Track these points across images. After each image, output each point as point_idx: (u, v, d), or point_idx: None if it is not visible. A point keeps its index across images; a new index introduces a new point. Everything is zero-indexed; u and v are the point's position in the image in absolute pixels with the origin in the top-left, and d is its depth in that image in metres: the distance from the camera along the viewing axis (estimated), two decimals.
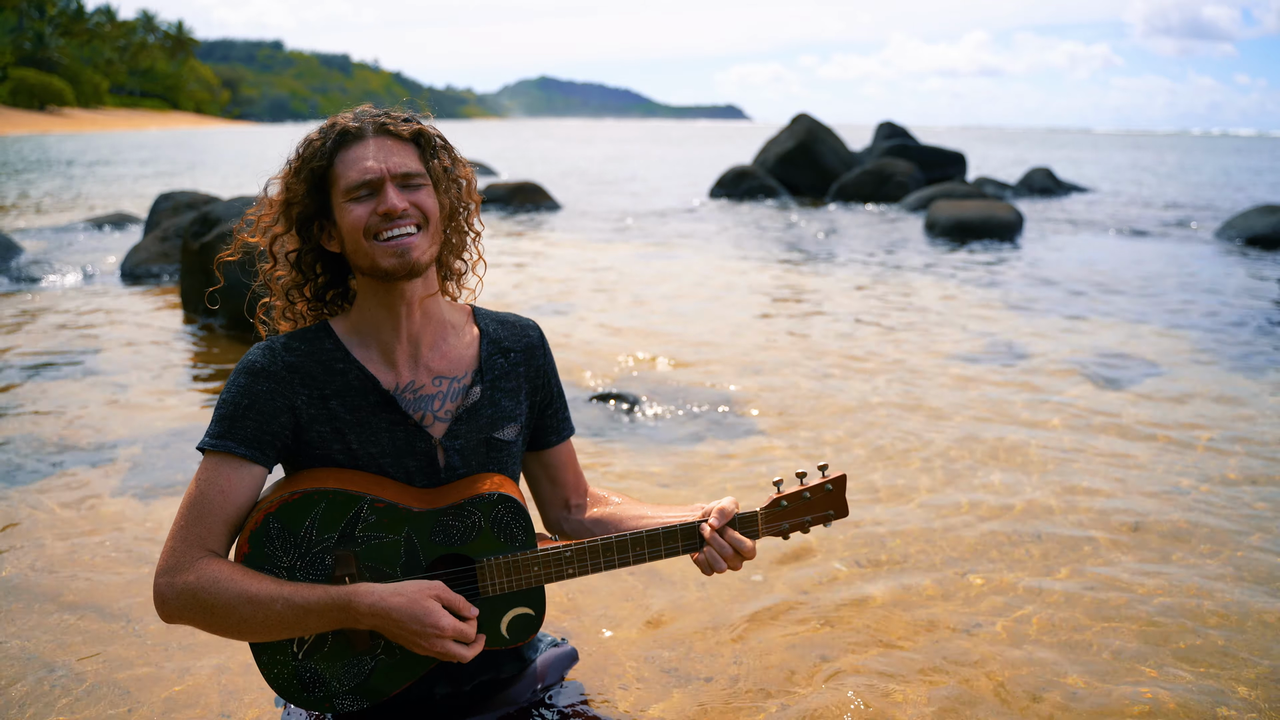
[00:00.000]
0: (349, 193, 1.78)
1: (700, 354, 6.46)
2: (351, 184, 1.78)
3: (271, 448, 1.78)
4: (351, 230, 1.78)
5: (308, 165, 1.81)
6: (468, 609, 1.74)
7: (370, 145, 1.80)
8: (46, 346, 6.46)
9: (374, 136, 1.81)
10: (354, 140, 1.80)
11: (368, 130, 1.81)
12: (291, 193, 1.83)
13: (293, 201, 1.83)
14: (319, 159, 1.80)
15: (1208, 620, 2.99)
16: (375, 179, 1.77)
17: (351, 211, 1.78)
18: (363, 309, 1.88)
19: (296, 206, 1.83)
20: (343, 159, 1.80)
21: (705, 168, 30.91)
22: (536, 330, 2.04)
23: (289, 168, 1.84)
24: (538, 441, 2.07)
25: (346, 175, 1.78)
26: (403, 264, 1.78)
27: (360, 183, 1.77)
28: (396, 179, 1.79)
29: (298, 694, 1.80)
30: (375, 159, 1.78)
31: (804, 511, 1.91)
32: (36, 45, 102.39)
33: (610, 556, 1.85)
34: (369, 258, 1.78)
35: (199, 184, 21.11)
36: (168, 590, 1.69)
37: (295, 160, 1.84)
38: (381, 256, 1.77)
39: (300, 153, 1.84)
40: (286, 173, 1.85)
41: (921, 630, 2.93)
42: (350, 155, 1.79)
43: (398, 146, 1.82)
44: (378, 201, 1.77)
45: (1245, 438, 4.82)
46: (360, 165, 1.78)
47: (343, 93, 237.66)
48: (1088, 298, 8.89)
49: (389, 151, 1.80)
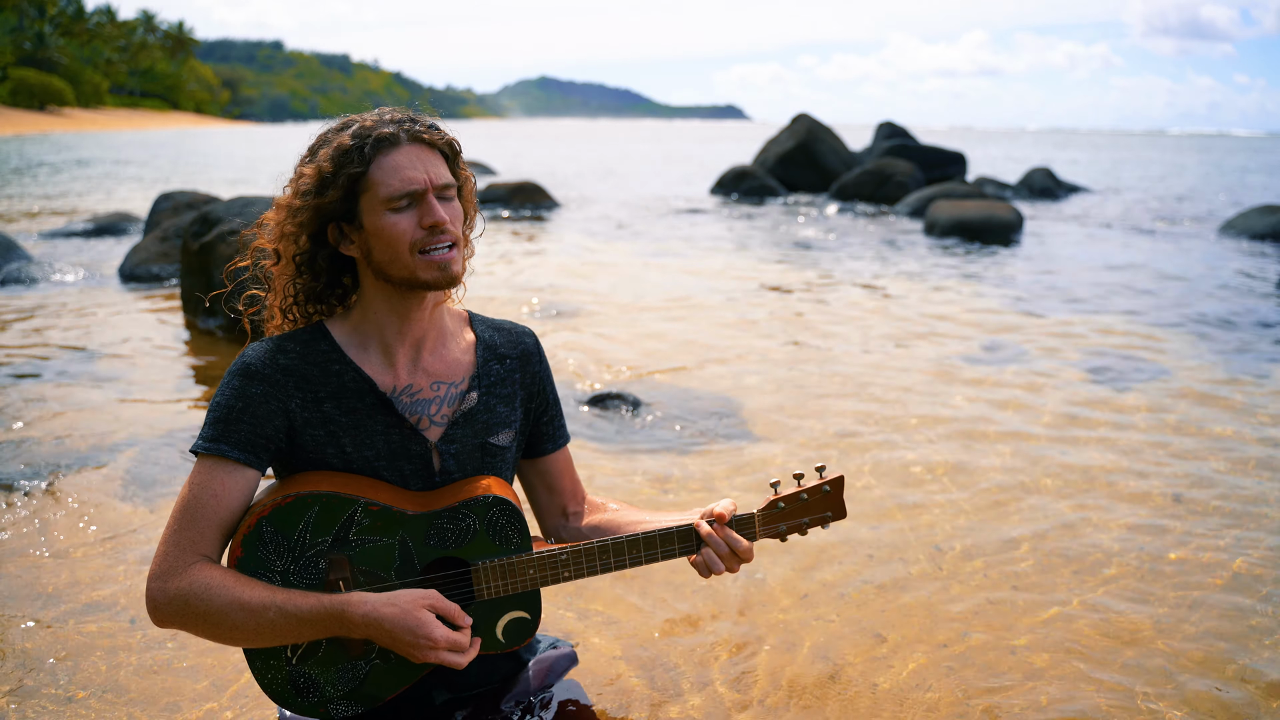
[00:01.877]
0: (389, 202, 1.74)
1: (699, 355, 6.45)
2: (394, 193, 1.74)
3: (265, 451, 1.77)
4: (392, 241, 1.75)
5: (344, 171, 1.75)
6: (462, 618, 1.73)
7: (408, 153, 1.77)
8: (46, 347, 6.45)
9: (409, 144, 1.77)
10: (390, 146, 1.76)
11: (403, 138, 1.77)
12: (320, 194, 1.78)
13: (317, 204, 1.78)
14: (358, 165, 1.75)
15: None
16: (419, 190, 1.75)
17: (394, 222, 1.75)
18: (368, 311, 1.86)
19: (319, 206, 1.79)
20: (380, 166, 1.75)
21: (705, 167, 30.89)
22: (532, 337, 2.04)
23: (317, 169, 1.78)
24: (534, 449, 2.06)
25: (387, 184, 1.74)
26: (444, 277, 1.77)
27: (404, 193, 1.74)
28: (436, 189, 1.77)
29: (291, 699, 1.80)
30: (417, 169, 1.76)
31: (801, 513, 1.90)
32: (36, 45, 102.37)
33: (606, 559, 1.84)
34: (408, 269, 1.76)
35: (199, 184, 21.11)
36: (160, 595, 1.69)
37: (327, 165, 1.77)
38: (424, 270, 1.76)
39: (333, 158, 1.76)
40: (312, 175, 1.78)
41: (924, 628, 2.93)
42: (389, 163, 1.75)
43: (432, 156, 1.79)
44: (421, 213, 1.75)
45: (1245, 438, 4.81)
46: (403, 175, 1.75)
47: (343, 93, 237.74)
48: (1088, 297, 8.88)
49: (427, 161, 1.78)
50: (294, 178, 1.83)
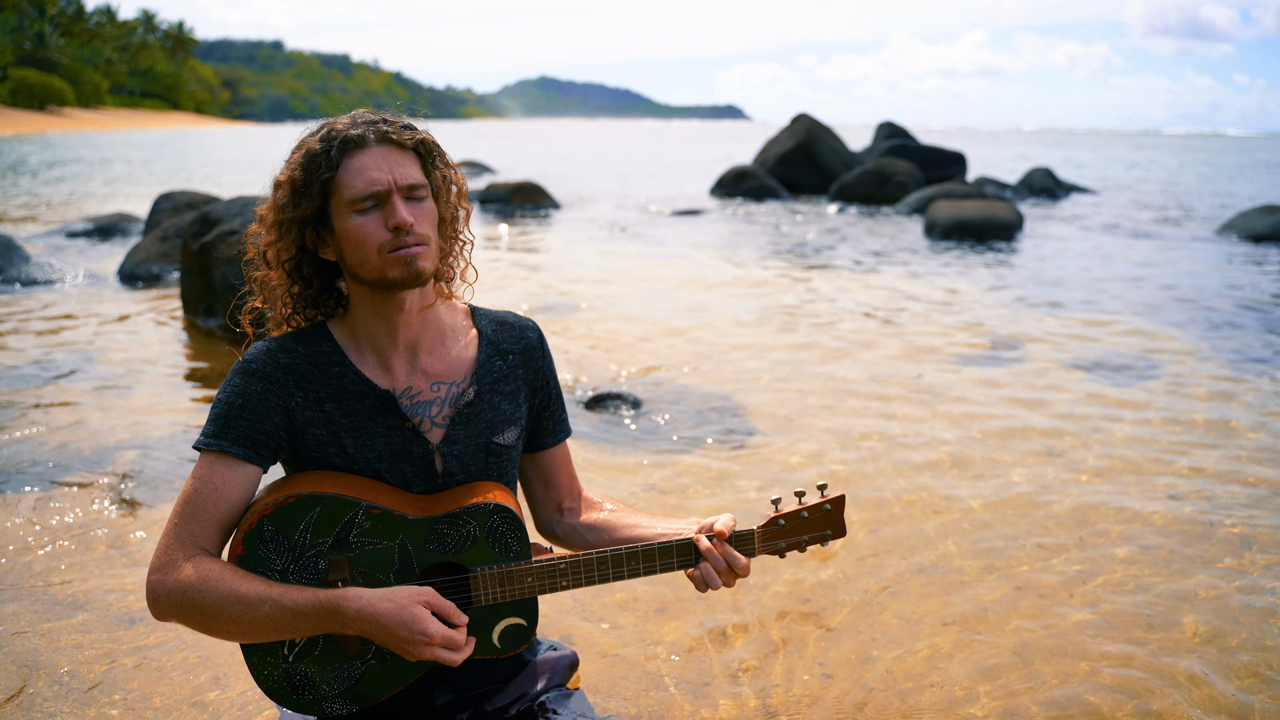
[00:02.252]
0: (354, 204, 1.74)
1: (699, 355, 6.45)
2: (357, 195, 1.74)
3: (266, 448, 1.78)
4: (359, 243, 1.75)
5: (316, 178, 1.75)
6: (457, 615, 1.73)
7: (374, 154, 1.75)
8: (45, 347, 6.45)
9: (377, 145, 1.76)
10: (356, 148, 1.75)
11: (370, 138, 1.76)
12: (296, 206, 1.77)
13: (296, 216, 1.78)
14: (326, 170, 1.75)
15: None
16: (382, 191, 1.74)
17: (359, 224, 1.74)
18: (357, 316, 1.86)
19: (299, 218, 1.78)
20: (345, 168, 1.75)
21: (705, 167, 30.90)
22: (535, 331, 2.02)
23: (290, 178, 1.78)
24: (533, 443, 2.06)
25: (351, 185, 1.74)
26: (410, 273, 1.76)
27: (367, 194, 1.73)
28: (402, 190, 1.76)
29: (287, 696, 1.80)
30: (381, 169, 1.74)
31: (801, 531, 1.90)
32: (36, 45, 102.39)
33: (605, 570, 1.84)
34: (375, 269, 1.76)
35: (199, 184, 21.11)
36: (159, 588, 1.69)
37: (298, 173, 1.77)
38: (390, 268, 1.75)
39: (303, 164, 1.77)
40: (286, 182, 1.79)
41: (917, 632, 2.92)
42: (353, 165, 1.74)
43: (401, 156, 1.78)
44: (386, 215, 1.74)
45: (1244, 438, 4.81)
46: (366, 176, 1.74)
47: (343, 93, 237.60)
48: (1088, 297, 8.87)
49: (393, 162, 1.76)
50: (272, 187, 1.82)
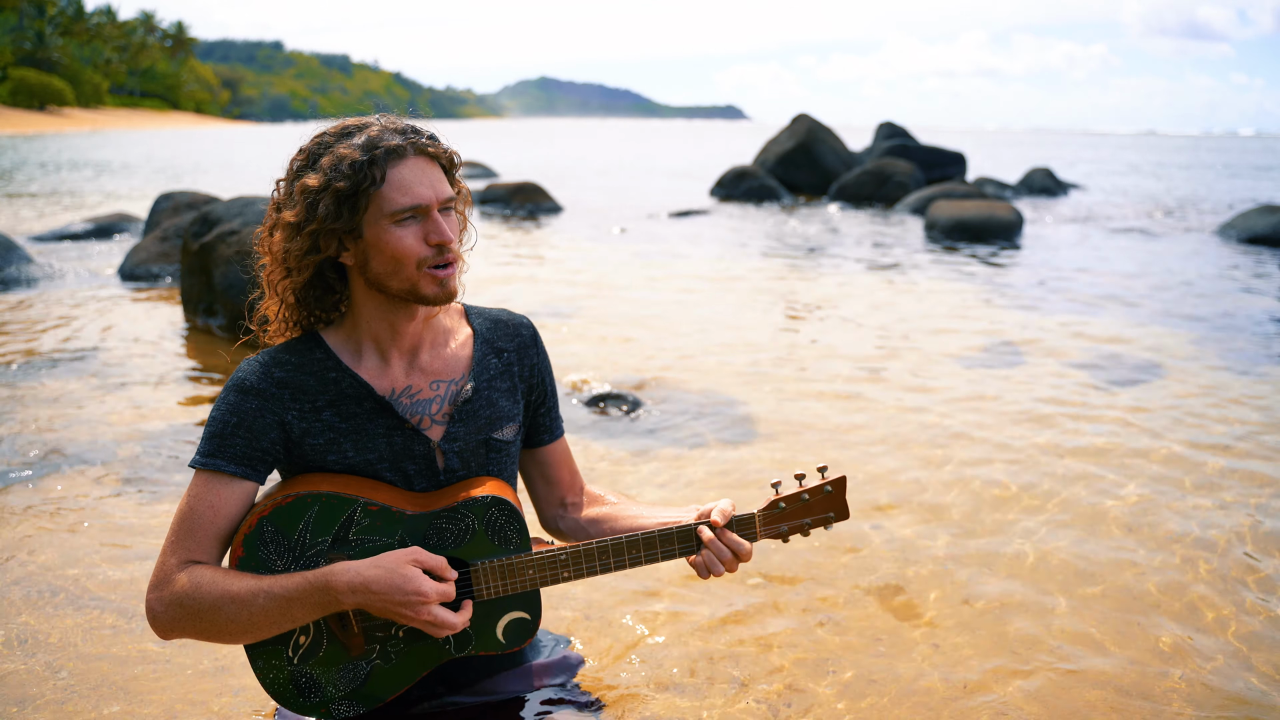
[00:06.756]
0: (394, 215, 1.73)
1: (699, 355, 6.45)
2: (400, 208, 1.73)
3: (262, 463, 1.78)
4: (397, 256, 1.74)
5: (363, 189, 1.71)
6: (447, 571, 1.72)
7: (414, 167, 1.75)
8: (45, 347, 6.45)
9: (414, 157, 1.76)
10: (396, 159, 1.74)
11: (409, 150, 1.75)
12: (338, 217, 1.73)
13: (337, 226, 1.73)
14: (372, 183, 1.71)
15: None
16: (426, 205, 1.74)
17: (399, 237, 1.73)
18: (360, 319, 1.85)
19: (339, 229, 1.74)
20: (389, 180, 1.73)
21: (705, 167, 30.89)
22: (529, 328, 2.03)
23: (331, 187, 1.71)
24: (531, 440, 2.07)
25: (393, 198, 1.73)
26: (444, 293, 1.78)
27: (410, 207, 1.73)
28: (441, 204, 1.77)
29: (293, 699, 1.80)
30: (423, 184, 1.75)
31: (803, 514, 1.90)
32: (36, 45, 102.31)
33: (606, 560, 1.84)
34: (409, 282, 1.76)
35: (199, 184, 21.11)
36: (158, 604, 1.70)
37: (343, 183, 1.70)
38: (426, 285, 1.76)
39: (348, 175, 1.70)
40: (327, 190, 1.72)
41: (920, 629, 2.93)
42: (395, 177, 1.73)
43: (435, 169, 1.78)
44: (427, 230, 1.75)
45: (1245, 436, 4.81)
46: (411, 191, 1.73)
47: (343, 93, 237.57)
48: (1089, 298, 8.88)
49: (432, 176, 1.77)
50: (297, 189, 1.76)
